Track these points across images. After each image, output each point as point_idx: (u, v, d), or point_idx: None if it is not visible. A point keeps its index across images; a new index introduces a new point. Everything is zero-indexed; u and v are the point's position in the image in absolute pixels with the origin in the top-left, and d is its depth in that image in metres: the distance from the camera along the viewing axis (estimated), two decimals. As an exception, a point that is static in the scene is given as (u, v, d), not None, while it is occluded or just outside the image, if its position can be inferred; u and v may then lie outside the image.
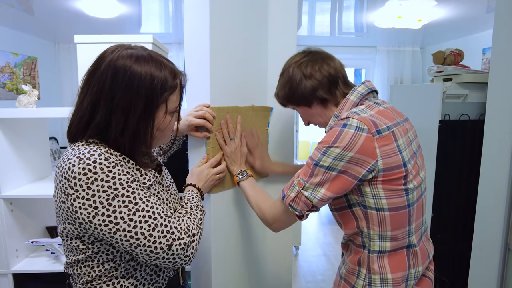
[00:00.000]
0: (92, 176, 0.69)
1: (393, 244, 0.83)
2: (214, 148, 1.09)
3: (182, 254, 0.74)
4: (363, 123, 0.77)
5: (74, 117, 0.77)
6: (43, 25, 3.66)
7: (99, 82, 0.74)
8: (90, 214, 0.69)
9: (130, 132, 0.75)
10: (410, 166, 0.81)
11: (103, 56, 0.76)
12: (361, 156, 0.76)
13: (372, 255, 0.84)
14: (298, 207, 0.82)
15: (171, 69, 0.78)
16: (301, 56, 0.95)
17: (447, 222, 1.89)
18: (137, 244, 0.70)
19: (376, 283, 0.83)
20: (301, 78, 0.91)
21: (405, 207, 0.81)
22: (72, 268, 0.81)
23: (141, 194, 0.73)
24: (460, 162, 1.82)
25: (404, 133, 0.84)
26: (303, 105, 0.95)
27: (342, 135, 0.77)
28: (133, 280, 0.81)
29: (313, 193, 0.80)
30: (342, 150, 0.76)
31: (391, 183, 0.79)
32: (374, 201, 0.80)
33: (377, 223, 0.81)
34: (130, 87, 0.73)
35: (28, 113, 1.44)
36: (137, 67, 0.74)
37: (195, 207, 0.88)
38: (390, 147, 0.78)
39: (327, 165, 0.78)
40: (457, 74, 1.81)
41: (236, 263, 1.25)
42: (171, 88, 0.78)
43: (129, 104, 0.74)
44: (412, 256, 0.86)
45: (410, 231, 0.84)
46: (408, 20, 3.28)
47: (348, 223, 0.87)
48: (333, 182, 0.78)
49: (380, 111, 0.84)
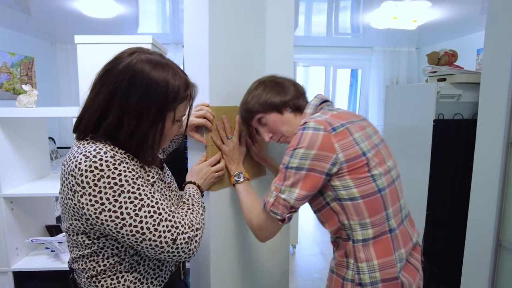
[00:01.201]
0: (98, 173, 0.71)
1: (374, 230, 0.88)
2: (213, 147, 1.11)
3: (186, 248, 0.77)
4: (319, 123, 0.87)
5: (84, 113, 0.78)
6: (40, 25, 3.66)
7: (116, 82, 0.75)
8: (97, 210, 0.71)
9: (139, 136, 0.77)
10: (371, 155, 0.89)
11: (121, 57, 0.77)
12: (322, 152, 0.85)
13: (357, 244, 0.89)
14: (279, 211, 0.89)
15: (184, 79, 0.81)
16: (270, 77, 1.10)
17: (441, 220, 1.92)
18: (142, 238, 0.73)
19: (364, 270, 0.87)
20: (277, 90, 1.04)
21: (376, 193, 0.88)
22: (77, 263, 0.83)
23: (146, 190, 0.75)
24: (454, 160, 1.86)
25: (360, 128, 0.93)
26: (275, 112, 1.03)
27: (303, 137, 0.86)
28: (137, 274, 0.83)
29: (289, 195, 0.87)
30: (305, 150, 0.85)
31: (356, 172, 0.86)
32: (346, 192, 0.87)
33: (355, 212, 0.87)
34: (147, 92, 0.75)
35: (28, 112, 1.45)
36: (155, 73, 0.75)
37: (196, 203, 0.91)
38: (347, 141, 0.87)
39: (296, 165, 0.86)
40: (450, 74, 1.85)
41: (234, 259, 1.27)
42: (182, 98, 0.80)
43: (143, 108, 0.76)
44: (395, 240, 0.90)
45: (388, 215, 0.90)
46: (403, 21, 3.33)
47: (330, 220, 0.93)
48: (304, 181, 0.86)
49: (333, 114, 0.94)
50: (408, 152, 2.10)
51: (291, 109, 1.03)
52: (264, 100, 1.03)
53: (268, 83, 1.05)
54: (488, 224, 1.41)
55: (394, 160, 1.01)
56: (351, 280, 0.89)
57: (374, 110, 4.96)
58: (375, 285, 0.86)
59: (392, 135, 2.29)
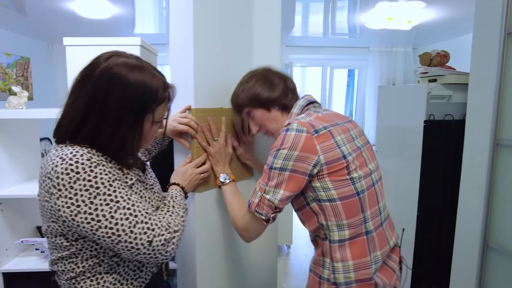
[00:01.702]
0: (74, 175, 0.71)
1: (351, 231, 0.89)
2: (199, 148, 1.12)
3: (163, 250, 0.77)
4: (302, 125, 0.88)
5: (63, 119, 0.79)
6: (36, 26, 3.66)
7: (94, 87, 0.75)
8: (72, 212, 0.71)
9: (118, 139, 0.78)
10: (351, 158, 0.90)
11: (98, 62, 0.77)
12: (304, 154, 0.86)
13: (333, 244, 0.90)
14: (263, 211, 0.90)
15: (162, 81, 0.81)
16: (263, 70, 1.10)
17: (432, 220, 1.93)
18: (118, 240, 0.73)
19: (339, 270, 0.89)
20: (269, 85, 1.05)
21: (354, 195, 0.89)
22: (56, 265, 0.83)
23: (122, 193, 0.75)
24: (444, 161, 1.86)
25: (343, 131, 0.94)
26: (263, 109, 1.05)
27: (286, 138, 0.88)
28: (117, 275, 0.84)
29: (273, 195, 0.89)
30: (288, 150, 0.86)
31: (335, 175, 0.87)
32: (325, 193, 0.88)
33: (332, 213, 0.89)
34: (124, 95, 0.76)
35: (18, 114, 1.46)
36: (132, 76, 0.76)
37: (177, 205, 0.91)
38: (329, 143, 0.88)
39: (279, 166, 0.87)
40: (441, 75, 1.85)
41: (221, 260, 1.28)
42: (160, 99, 0.81)
43: (121, 112, 0.76)
44: (371, 242, 0.91)
45: (365, 218, 0.91)
46: (398, 22, 3.33)
47: (310, 220, 0.95)
48: (288, 182, 0.88)
49: (317, 116, 0.95)
50: (399, 152, 2.10)
51: (278, 107, 1.04)
52: (252, 95, 1.04)
53: (260, 77, 1.06)
54: (475, 224, 1.41)
55: (377, 163, 1.02)
56: (326, 279, 0.91)
57: (371, 110, 4.96)
58: (349, 285, 0.88)
59: (384, 135, 2.29)
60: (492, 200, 1.36)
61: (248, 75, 1.09)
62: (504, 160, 1.31)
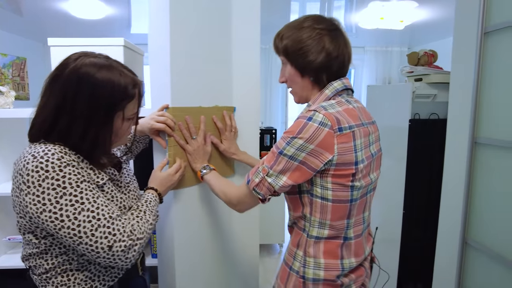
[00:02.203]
0: (43, 174, 0.73)
1: (330, 232, 0.88)
2: (176, 147, 1.14)
3: (123, 256, 0.78)
4: (328, 118, 0.81)
5: (36, 119, 0.81)
6: (32, 26, 3.69)
7: (63, 87, 0.77)
8: (38, 209, 0.73)
9: (89, 138, 0.80)
10: (362, 166, 0.86)
11: (67, 63, 0.79)
12: (320, 150, 0.80)
13: (309, 239, 0.90)
14: (262, 192, 0.87)
15: (131, 78, 0.83)
16: (329, 26, 0.90)
17: (418, 219, 1.94)
18: (79, 242, 0.75)
19: (310, 265, 0.89)
20: (318, 50, 0.87)
21: (347, 202, 0.87)
22: (28, 261, 0.85)
23: (89, 195, 0.77)
24: (430, 160, 1.87)
25: (364, 134, 0.88)
26: (297, 70, 0.92)
27: (306, 128, 0.80)
28: (88, 273, 0.85)
29: (275, 180, 0.85)
30: (305, 142, 0.80)
31: (340, 178, 0.84)
32: (321, 191, 0.86)
33: (319, 210, 0.87)
34: (93, 95, 0.77)
35: (5, 113, 1.48)
36: (100, 75, 0.78)
37: (149, 211, 0.92)
38: (348, 145, 0.82)
39: (290, 154, 0.82)
40: (426, 74, 1.86)
41: (200, 257, 1.29)
42: (130, 96, 0.82)
43: (91, 111, 0.78)
44: (346, 248, 0.91)
45: (348, 224, 0.90)
46: (390, 21, 3.34)
47: (296, 208, 0.93)
48: (294, 171, 0.83)
49: (348, 109, 0.87)
50: (385, 152, 2.11)
51: (313, 78, 0.91)
52: (294, 50, 0.89)
53: (315, 34, 0.87)
54: (455, 222, 1.43)
55: (379, 173, 0.99)
56: (296, 271, 0.91)
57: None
58: (316, 282, 0.88)
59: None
60: (471, 198, 1.37)
61: (307, 22, 0.89)
62: (482, 158, 1.32)
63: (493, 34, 1.25)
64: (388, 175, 2.09)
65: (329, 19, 0.91)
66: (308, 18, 0.91)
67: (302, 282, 0.89)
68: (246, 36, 1.32)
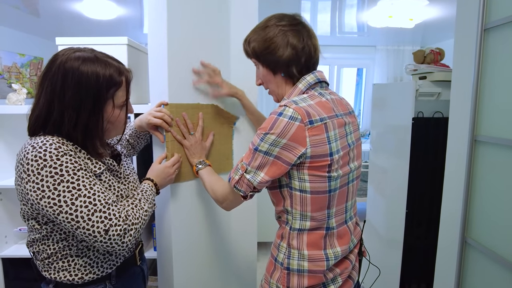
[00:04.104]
0: (42, 163, 0.78)
1: (312, 224, 0.90)
2: (173, 142, 1.17)
3: (119, 240, 0.82)
4: (297, 112, 0.83)
5: (31, 115, 0.87)
6: (48, 27, 3.81)
7: (51, 83, 0.83)
8: (38, 196, 0.78)
9: (81, 127, 0.85)
10: (337, 157, 0.88)
11: (55, 59, 0.85)
12: (292, 143, 0.83)
13: (292, 232, 0.92)
14: (242, 188, 0.90)
15: (116, 67, 0.88)
16: (291, 21, 0.93)
17: (421, 218, 1.92)
18: (77, 226, 0.79)
19: (294, 257, 0.91)
20: (283, 45, 0.91)
21: (325, 192, 0.89)
22: (32, 246, 0.90)
23: (86, 182, 0.81)
24: (433, 159, 1.86)
25: (339, 125, 0.90)
26: (269, 69, 0.96)
27: (277, 123, 0.83)
28: (86, 259, 0.90)
29: (253, 177, 0.88)
30: (277, 137, 0.83)
31: (315, 170, 0.86)
32: (299, 183, 0.88)
33: (299, 203, 0.90)
34: (79, 86, 0.82)
35: (17, 109, 1.55)
36: (83, 68, 0.83)
37: (144, 199, 0.96)
38: (320, 137, 0.84)
39: (265, 150, 0.85)
40: (430, 72, 1.85)
41: (198, 251, 1.33)
42: (117, 84, 0.87)
43: (79, 101, 0.83)
44: (329, 238, 0.93)
45: (329, 214, 0.92)
46: (399, 19, 3.30)
47: (278, 202, 0.96)
48: (270, 167, 0.86)
49: (320, 102, 0.89)
50: (389, 150, 2.10)
51: (284, 74, 0.94)
52: (262, 50, 0.93)
53: (279, 31, 0.91)
54: (456, 221, 1.41)
55: (360, 162, 1.01)
56: (280, 263, 0.93)
57: (377, 109, 4.92)
58: (301, 273, 0.90)
59: (377, 133, 2.30)
60: (471, 197, 1.36)
61: (271, 21, 0.93)
62: (481, 156, 1.31)
63: (493, 30, 1.24)
64: (391, 174, 2.08)
65: (291, 15, 0.95)
66: (271, 17, 0.95)
67: (286, 273, 0.91)
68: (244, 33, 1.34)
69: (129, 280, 1.01)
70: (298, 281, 0.90)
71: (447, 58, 2.07)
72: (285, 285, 0.91)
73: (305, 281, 0.90)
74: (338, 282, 0.94)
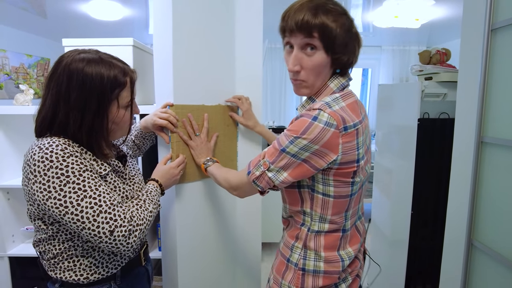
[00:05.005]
0: (48, 164, 0.79)
1: (330, 226, 0.89)
2: (179, 143, 1.18)
3: (124, 240, 0.82)
4: (333, 118, 0.78)
5: (38, 117, 0.88)
6: (55, 28, 3.85)
7: (57, 85, 0.84)
8: (44, 197, 0.79)
9: (86, 127, 0.85)
10: (362, 162, 0.86)
11: (60, 61, 0.86)
12: (324, 150, 0.79)
13: (310, 233, 0.90)
14: (261, 185, 0.87)
15: (120, 68, 0.88)
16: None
17: (426, 219, 1.91)
18: (82, 227, 0.80)
19: (311, 257, 0.90)
20: (357, 40, 0.86)
21: (347, 196, 0.88)
22: (38, 246, 0.92)
23: (91, 183, 0.82)
24: (439, 160, 1.84)
25: (363, 130, 0.87)
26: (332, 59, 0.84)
27: (311, 128, 0.78)
28: (92, 259, 0.91)
29: (276, 175, 0.83)
30: (309, 142, 0.78)
31: (342, 176, 0.84)
32: (323, 187, 0.86)
33: (320, 206, 0.87)
34: (83, 88, 0.83)
35: (24, 110, 1.57)
36: (88, 69, 0.84)
37: (149, 200, 0.97)
38: (351, 144, 0.81)
39: (293, 153, 0.80)
40: (435, 73, 1.84)
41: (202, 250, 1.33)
42: (121, 85, 0.88)
43: (84, 102, 0.84)
44: (344, 239, 0.92)
45: (346, 216, 0.91)
46: (405, 19, 3.29)
47: (294, 202, 0.92)
48: (295, 168, 0.82)
49: (351, 104, 0.85)
50: (394, 151, 2.09)
51: (340, 70, 0.88)
52: (342, 38, 0.81)
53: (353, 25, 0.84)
54: (462, 223, 1.40)
55: (370, 163, 0.99)
56: (295, 264, 0.91)
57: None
58: (317, 273, 0.89)
59: (382, 134, 2.29)
60: (477, 199, 1.35)
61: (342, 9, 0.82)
62: (488, 158, 1.29)
63: (501, 30, 1.23)
64: (396, 175, 2.07)
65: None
66: (336, 3, 0.82)
67: (301, 274, 0.90)
68: (249, 35, 1.35)
69: (134, 280, 1.02)
70: (313, 282, 0.89)
71: (453, 59, 2.05)
72: (299, 286, 0.90)
73: (320, 281, 0.89)
74: (348, 281, 0.94)
